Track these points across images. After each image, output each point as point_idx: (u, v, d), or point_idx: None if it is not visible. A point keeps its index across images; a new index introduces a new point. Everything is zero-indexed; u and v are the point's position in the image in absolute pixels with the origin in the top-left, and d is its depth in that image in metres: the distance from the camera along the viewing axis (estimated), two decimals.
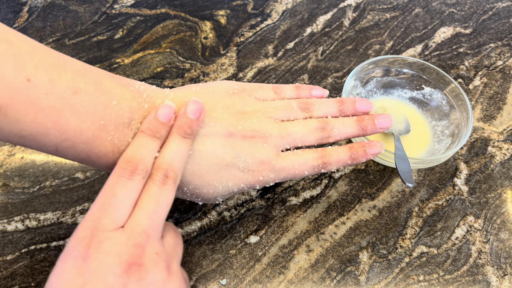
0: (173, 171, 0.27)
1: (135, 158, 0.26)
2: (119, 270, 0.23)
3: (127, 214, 0.25)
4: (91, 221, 0.24)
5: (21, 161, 0.43)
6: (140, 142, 0.27)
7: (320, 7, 0.60)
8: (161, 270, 0.25)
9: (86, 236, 0.24)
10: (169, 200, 0.27)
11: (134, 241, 0.24)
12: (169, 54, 0.53)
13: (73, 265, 0.23)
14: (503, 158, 0.45)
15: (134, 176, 0.26)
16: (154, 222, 0.25)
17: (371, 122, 0.34)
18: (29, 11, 0.58)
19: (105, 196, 0.25)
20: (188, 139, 0.28)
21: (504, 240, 0.39)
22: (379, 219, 0.40)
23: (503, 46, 0.56)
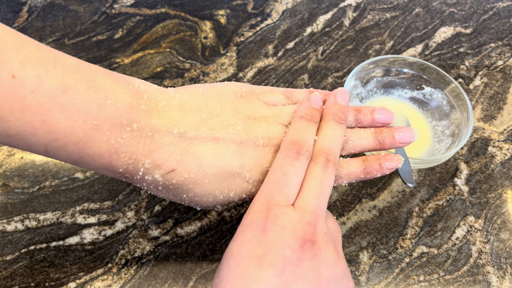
0: (333, 154, 0.28)
1: (299, 140, 0.28)
2: (295, 245, 0.24)
3: (296, 192, 0.26)
4: (265, 197, 0.26)
5: (20, 161, 0.43)
6: (301, 125, 0.29)
7: (320, 6, 0.60)
8: (332, 250, 0.25)
9: (262, 210, 0.25)
10: (331, 182, 0.28)
11: (306, 219, 0.25)
12: (169, 54, 0.53)
13: (253, 236, 0.25)
14: (504, 158, 0.45)
15: (300, 157, 0.27)
16: (321, 203, 0.26)
17: (390, 135, 0.31)
18: (28, 11, 0.58)
19: (275, 174, 0.27)
20: (342, 124, 0.30)
21: (505, 240, 0.39)
22: (379, 219, 0.40)
23: (504, 46, 0.56)
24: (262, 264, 0.24)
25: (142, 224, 0.39)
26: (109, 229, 0.39)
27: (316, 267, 0.24)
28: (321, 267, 0.24)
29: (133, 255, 0.37)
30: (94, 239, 0.38)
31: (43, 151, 0.26)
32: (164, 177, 0.28)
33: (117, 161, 0.27)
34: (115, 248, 0.38)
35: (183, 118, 0.28)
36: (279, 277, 0.23)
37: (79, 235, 0.38)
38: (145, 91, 0.28)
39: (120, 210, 0.40)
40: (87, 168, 0.28)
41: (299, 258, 0.24)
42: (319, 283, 0.24)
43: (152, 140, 0.27)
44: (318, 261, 0.24)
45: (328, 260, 0.25)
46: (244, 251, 0.25)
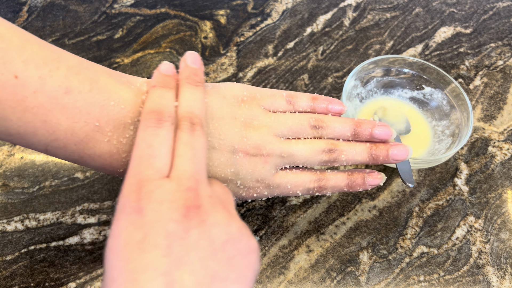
0: (197, 117, 0.27)
1: (157, 108, 0.26)
2: (178, 216, 0.22)
3: (168, 163, 0.24)
4: (133, 176, 0.23)
5: (20, 161, 0.43)
6: (156, 93, 0.27)
7: (320, 6, 0.60)
8: (221, 210, 0.23)
9: (133, 190, 0.23)
10: (204, 145, 0.26)
11: (185, 185, 0.23)
12: (169, 54, 0.53)
13: (129, 221, 0.22)
14: (504, 158, 0.45)
15: (163, 124, 0.25)
16: (198, 167, 0.24)
17: (385, 152, 0.32)
18: (28, 10, 0.58)
19: (139, 148, 0.24)
20: (199, 86, 0.28)
21: (505, 240, 0.39)
22: (380, 219, 0.40)
23: (504, 46, 0.56)
24: (144, 248, 0.21)
25: None
26: (109, 229, 0.39)
27: (206, 233, 0.22)
28: (212, 231, 0.22)
29: None
30: (94, 239, 0.38)
31: (43, 150, 0.26)
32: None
33: (118, 161, 0.27)
34: None
35: None
36: (166, 256, 0.20)
37: (79, 235, 0.38)
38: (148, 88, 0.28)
39: None
40: (87, 167, 0.28)
41: (185, 228, 0.21)
42: (214, 249, 0.22)
43: None
44: (208, 226, 0.22)
45: (219, 221, 0.23)
46: (122, 241, 0.21)
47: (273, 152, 0.30)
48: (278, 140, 0.31)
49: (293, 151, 0.31)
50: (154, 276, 0.20)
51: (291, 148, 0.31)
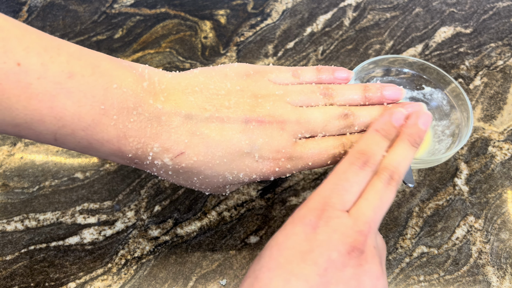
0: (398, 174, 0.28)
1: (368, 152, 0.28)
2: (343, 250, 0.24)
3: (354, 200, 0.26)
4: (322, 197, 0.26)
5: (20, 161, 0.43)
6: (373, 139, 0.29)
7: (320, 6, 0.60)
8: (377, 264, 0.25)
9: (317, 208, 0.25)
10: (391, 200, 0.27)
11: (359, 227, 0.25)
12: (168, 54, 0.53)
13: (303, 230, 0.25)
14: (504, 158, 0.45)
15: (366, 168, 0.27)
16: (376, 217, 0.26)
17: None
18: (28, 10, 0.58)
19: (338, 177, 0.27)
20: (415, 147, 0.29)
21: (505, 240, 0.39)
22: None
23: (504, 46, 0.56)
24: (306, 259, 0.23)
25: (142, 224, 0.39)
26: (109, 229, 0.39)
27: (359, 276, 0.24)
28: (363, 277, 0.24)
29: (133, 255, 0.37)
30: (94, 239, 0.38)
31: (52, 139, 0.26)
32: (174, 160, 0.28)
33: (126, 146, 0.27)
34: (115, 248, 0.38)
35: (188, 100, 0.28)
36: (320, 276, 0.23)
37: (79, 235, 0.38)
38: (150, 75, 0.28)
39: (120, 210, 0.40)
40: (97, 156, 0.28)
41: (344, 263, 0.24)
42: None
43: (159, 123, 0.27)
44: (362, 271, 0.24)
45: (372, 273, 0.24)
46: (290, 243, 0.24)
47: (288, 118, 0.29)
48: (291, 107, 0.30)
49: (309, 117, 0.30)
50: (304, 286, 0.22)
51: (306, 114, 0.30)
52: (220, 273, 0.36)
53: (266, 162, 0.29)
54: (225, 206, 0.40)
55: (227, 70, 0.31)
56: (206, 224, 0.39)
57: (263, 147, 0.29)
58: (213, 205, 0.41)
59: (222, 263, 0.37)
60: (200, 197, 0.41)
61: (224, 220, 0.40)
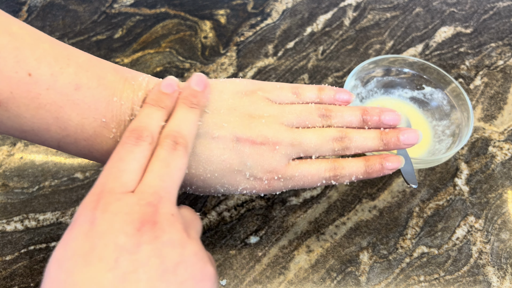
0: (182, 137, 0.26)
1: (140, 126, 0.25)
2: (131, 229, 0.21)
3: (136, 179, 0.23)
4: (98, 187, 0.23)
5: (20, 161, 0.43)
6: (144, 112, 0.27)
7: (320, 6, 0.60)
8: (179, 230, 0.22)
9: (93, 200, 0.22)
10: (182, 165, 0.25)
11: (146, 200, 0.22)
12: (168, 54, 0.53)
13: (80, 231, 0.21)
14: (504, 158, 0.45)
15: (140, 142, 0.25)
16: (167, 184, 0.24)
17: (395, 137, 0.31)
18: (28, 10, 0.58)
19: (111, 162, 0.24)
20: (195, 109, 0.28)
21: (505, 241, 0.39)
22: (380, 219, 0.40)
23: (504, 46, 0.56)
24: (90, 260, 0.20)
25: None
26: None
27: (158, 250, 0.21)
28: (165, 250, 0.21)
29: None
30: None
31: (56, 146, 0.27)
32: None
33: None
34: None
35: None
36: (112, 270, 0.19)
37: None
38: (147, 85, 0.29)
39: None
40: (96, 161, 0.29)
41: (137, 242, 0.20)
42: (165, 269, 0.20)
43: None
44: (161, 244, 0.21)
45: (174, 241, 0.21)
46: (69, 252, 0.20)
47: (282, 140, 0.29)
48: (286, 128, 0.30)
49: (302, 139, 0.30)
50: None
51: (300, 136, 0.30)
52: (220, 273, 0.36)
53: (257, 181, 0.30)
54: (225, 206, 0.40)
55: (224, 88, 0.31)
56: (206, 224, 0.39)
57: (254, 166, 0.29)
58: (213, 205, 0.41)
59: (222, 263, 0.37)
60: (200, 197, 0.41)
61: (224, 220, 0.40)
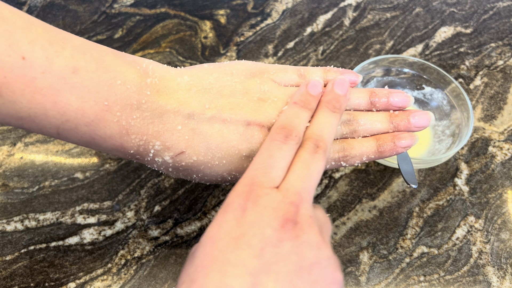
0: (323, 141, 0.27)
1: (288, 125, 0.27)
2: (276, 224, 0.23)
3: (282, 175, 0.25)
4: (249, 178, 0.25)
5: (20, 161, 0.43)
6: (292, 111, 0.28)
7: (320, 6, 0.60)
8: (316, 233, 0.24)
9: (245, 191, 0.24)
10: (320, 168, 0.26)
11: (289, 199, 0.24)
12: (168, 54, 0.53)
13: (233, 216, 0.23)
14: (504, 158, 0.45)
15: (289, 141, 0.26)
16: (307, 185, 0.25)
17: (405, 119, 0.30)
18: (28, 10, 0.58)
19: (262, 156, 0.26)
20: (336, 113, 0.29)
21: (505, 241, 0.39)
22: (380, 219, 0.40)
23: (504, 46, 0.56)
24: (240, 244, 0.22)
25: (142, 224, 0.39)
26: (108, 229, 0.39)
27: (298, 248, 0.22)
28: (303, 249, 0.22)
29: (133, 255, 0.37)
30: (94, 239, 0.38)
31: (55, 133, 0.26)
32: (174, 159, 0.28)
33: (128, 142, 0.27)
34: (115, 248, 0.38)
35: (191, 98, 0.28)
36: (257, 258, 0.21)
37: (79, 235, 0.38)
38: (154, 71, 0.28)
39: (120, 210, 0.40)
40: (99, 150, 0.28)
41: (280, 238, 0.22)
42: (301, 267, 0.22)
43: (161, 121, 0.27)
44: (300, 243, 0.23)
45: (311, 242, 0.23)
46: (222, 233, 0.23)
47: None
48: None
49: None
50: (241, 273, 0.21)
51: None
52: None
53: None
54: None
55: (232, 69, 0.31)
56: (206, 224, 0.39)
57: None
58: (213, 205, 0.41)
59: None
60: (200, 197, 0.41)
61: None
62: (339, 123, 0.30)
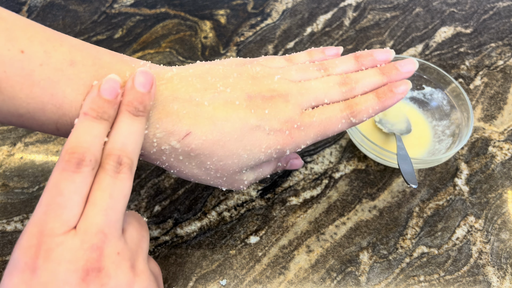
0: (127, 156, 0.23)
1: (80, 148, 0.22)
2: (76, 279, 0.20)
3: (78, 212, 0.22)
4: (36, 226, 0.21)
5: (20, 161, 0.43)
6: (83, 127, 0.23)
7: (320, 6, 0.60)
8: (125, 271, 0.22)
9: (32, 245, 0.21)
10: (126, 191, 0.23)
11: (89, 243, 0.21)
12: (168, 54, 0.53)
13: (21, 280, 0.20)
14: (504, 158, 0.45)
15: (82, 168, 0.22)
16: (111, 218, 0.22)
17: (394, 68, 0.32)
18: (28, 10, 0.58)
19: (50, 195, 0.22)
20: (141, 116, 0.25)
21: (505, 241, 0.39)
22: (380, 219, 0.40)
23: (504, 46, 0.56)
24: None
25: None
26: None
27: None
28: None
29: None
30: None
31: (55, 129, 0.25)
32: (181, 142, 0.26)
33: None
34: None
35: (187, 85, 0.28)
36: None
37: None
38: (150, 68, 0.28)
39: None
40: None
41: None
42: None
43: (158, 110, 0.26)
44: None
45: (121, 284, 0.21)
46: None
47: (290, 91, 0.29)
48: (290, 81, 0.30)
49: (308, 87, 0.30)
50: None
51: (305, 85, 0.30)
52: (220, 273, 0.36)
53: (278, 134, 0.28)
54: (225, 206, 0.40)
55: (223, 61, 0.31)
56: (206, 224, 0.39)
57: (271, 118, 0.28)
58: (213, 205, 0.41)
59: (222, 263, 0.37)
60: (200, 197, 0.41)
61: (224, 220, 0.40)
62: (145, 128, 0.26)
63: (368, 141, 0.39)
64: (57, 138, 0.45)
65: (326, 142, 0.46)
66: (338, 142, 0.46)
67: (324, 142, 0.46)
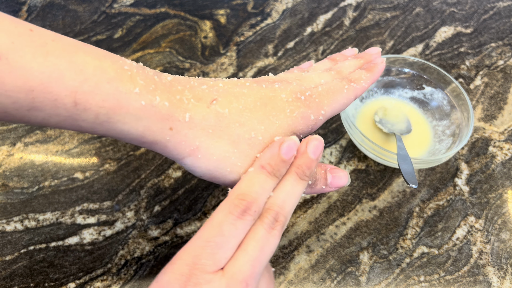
0: (283, 214, 0.25)
1: (249, 197, 0.24)
2: None
3: (230, 255, 0.23)
4: (191, 257, 0.22)
5: (20, 161, 0.43)
6: (257, 178, 0.25)
7: (320, 6, 0.60)
8: None
9: (183, 274, 0.22)
10: (273, 247, 0.24)
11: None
12: (168, 54, 0.53)
13: None
14: (504, 158, 0.45)
15: (246, 217, 0.23)
16: (256, 271, 0.23)
17: (363, 53, 0.36)
18: (28, 10, 0.57)
19: (211, 232, 0.23)
20: (304, 181, 0.26)
21: (505, 241, 0.39)
22: (380, 219, 0.40)
23: (504, 46, 0.56)
24: None
25: (141, 224, 0.39)
26: (108, 230, 0.39)
27: None
28: None
29: (132, 256, 0.37)
30: (94, 240, 0.38)
31: (71, 103, 0.22)
32: (210, 107, 0.26)
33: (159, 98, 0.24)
34: (114, 248, 0.38)
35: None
36: None
37: (79, 235, 0.38)
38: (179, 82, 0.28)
39: (120, 210, 0.40)
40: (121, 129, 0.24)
41: None
42: None
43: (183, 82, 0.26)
44: None
45: None
46: None
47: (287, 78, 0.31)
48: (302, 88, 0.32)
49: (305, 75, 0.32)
50: None
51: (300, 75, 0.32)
52: None
53: (295, 99, 0.29)
54: None
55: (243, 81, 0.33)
56: None
57: (283, 90, 0.29)
58: (213, 205, 0.40)
59: None
60: (200, 197, 0.41)
61: None
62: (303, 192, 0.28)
63: (368, 141, 0.39)
64: (57, 138, 0.45)
65: (326, 142, 0.46)
66: (338, 142, 0.46)
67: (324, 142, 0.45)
